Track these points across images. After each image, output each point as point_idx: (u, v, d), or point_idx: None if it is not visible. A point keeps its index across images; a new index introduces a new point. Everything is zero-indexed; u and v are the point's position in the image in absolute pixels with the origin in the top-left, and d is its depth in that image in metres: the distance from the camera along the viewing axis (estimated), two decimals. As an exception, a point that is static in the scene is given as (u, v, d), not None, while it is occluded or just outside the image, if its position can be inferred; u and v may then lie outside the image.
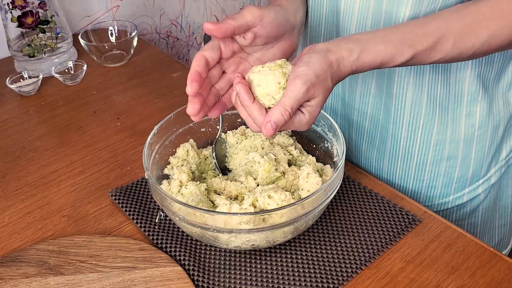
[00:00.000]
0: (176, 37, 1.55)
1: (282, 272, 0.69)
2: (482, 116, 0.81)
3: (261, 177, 0.75)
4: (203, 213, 0.65)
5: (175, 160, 0.80)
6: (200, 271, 0.70)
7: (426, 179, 0.88)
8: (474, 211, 0.91)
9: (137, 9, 1.42)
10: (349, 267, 0.70)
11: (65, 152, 0.94)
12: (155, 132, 0.77)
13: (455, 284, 0.68)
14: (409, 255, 0.72)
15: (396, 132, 0.85)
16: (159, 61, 1.21)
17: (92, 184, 0.86)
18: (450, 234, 0.74)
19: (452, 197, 0.89)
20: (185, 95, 0.62)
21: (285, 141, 0.82)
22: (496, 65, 0.78)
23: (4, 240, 0.77)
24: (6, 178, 0.88)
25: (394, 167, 0.89)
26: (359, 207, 0.79)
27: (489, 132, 0.83)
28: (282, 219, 0.65)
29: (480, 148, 0.84)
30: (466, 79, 0.78)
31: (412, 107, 0.81)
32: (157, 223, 0.77)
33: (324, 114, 0.78)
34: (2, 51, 1.20)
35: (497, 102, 0.82)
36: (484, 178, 0.88)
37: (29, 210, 0.82)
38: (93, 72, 1.17)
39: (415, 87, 0.79)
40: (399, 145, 0.86)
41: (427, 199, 0.90)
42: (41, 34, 1.11)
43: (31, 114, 1.04)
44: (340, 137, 0.74)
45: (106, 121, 1.01)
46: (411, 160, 0.87)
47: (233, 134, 0.83)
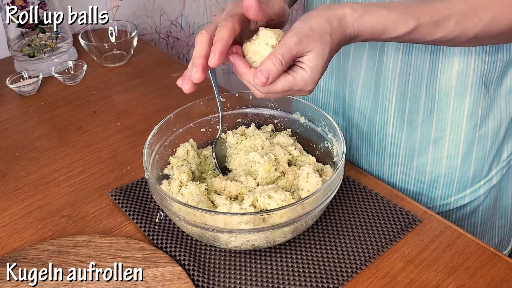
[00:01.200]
0: (176, 37, 1.55)
1: (282, 272, 0.69)
2: (484, 116, 0.81)
3: (261, 177, 0.75)
4: (203, 213, 0.65)
5: (175, 160, 0.80)
6: (200, 271, 0.70)
7: (427, 180, 0.88)
8: (474, 211, 0.91)
9: (137, 9, 1.42)
10: (349, 267, 0.70)
11: (65, 152, 0.94)
12: (155, 132, 0.77)
13: (455, 284, 0.68)
14: (409, 255, 0.72)
15: (394, 135, 0.85)
16: (159, 61, 1.21)
17: (92, 184, 0.86)
18: (450, 234, 0.74)
19: (453, 198, 0.89)
20: (185, 95, 0.62)
21: (285, 141, 0.82)
22: (499, 66, 0.78)
23: (4, 240, 0.77)
24: (6, 178, 0.88)
25: (395, 169, 0.89)
26: (359, 207, 0.79)
27: (490, 133, 0.83)
28: (282, 219, 0.65)
29: (481, 148, 0.84)
30: (469, 79, 0.78)
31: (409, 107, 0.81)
32: (157, 223, 0.77)
33: (324, 114, 0.78)
34: (2, 51, 1.20)
35: (499, 103, 0.82)
36: (486, 179, 0.88)
37: (29, 210, 0.82)
38: (93, 72, 1.17)
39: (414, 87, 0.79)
40: (399, 147, 0.86)
41: (429, 200, 0.90)
42: (41, 34, 1.11)
43: (31, 114, 1.04)
44: (340, 137, 0.74)
45: (106, 121, 1.01)
46: (412, 162, 0.87)
47: (233, 134, 0.83)
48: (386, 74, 0.81)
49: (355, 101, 0.87)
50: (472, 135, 0.82)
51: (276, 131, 0.86)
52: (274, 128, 0.86)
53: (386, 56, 0.79)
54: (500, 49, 0.77)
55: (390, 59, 0.79)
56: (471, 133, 0.82)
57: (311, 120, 0.82)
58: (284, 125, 0.86)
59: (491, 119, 0.82)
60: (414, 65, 0.78)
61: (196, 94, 1.07)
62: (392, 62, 0.79)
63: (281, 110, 0.85)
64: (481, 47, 0.75)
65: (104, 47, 1.18)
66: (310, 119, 0.82)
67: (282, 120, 0.86)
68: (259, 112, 0.86)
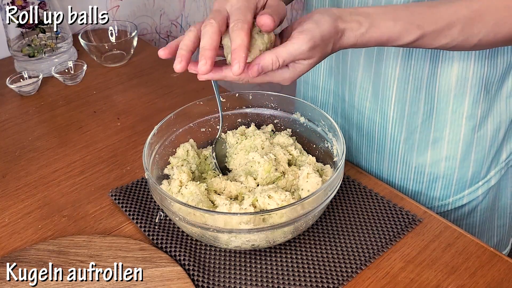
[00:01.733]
0: (176, 37, 1.55)
1: (282, 272, 0.69)
2: (483, 118, 0.81)
3: (261, 177, 0.75)
4: (203, 213, 0.65)
5: (175, 160, 0.80)
6: (200, 271, 0.70)
7: (426, 181, 0.88)
8: (473, 211, 0.91)
9: (137, 9, 1.42)
10: (349, 267, 0.70)
11: (65, 152, 0.94)
12: (155, 132, 0.77)
13: (455, 284, 0.68)
14: (409, 255, 0.72)
15: (394, 135, 0.85)
16: (159, 61, 1.21)
17: (92, 184, 0.86)
18: (450, 234, 0.74)
19: (452, 198, 0.89)
20: (185, 95, 0.62)
21: (285, 141, 0.82)
22: (499, 69, 0.78)
23: (4, 240, 0.77)
24: (6, 178, 0.88)
25: (394, 168, 0.89)
26: (359, 207, 0.79)
27: (489, 135, 0.83)
28: (282, 219, 0.65)
29: (480, 150, 0.84)
30: (469, 81, 0.78)
31: (408, 108, 0.81)
32: (157, 223, 0.77)
33: (324, 114, 0.78)
34: (2, 51, 1.20)
35: (499, 105, 0.82)
36: (484, 180, 0.88)
37: (29, 210, 0.82)
38: (93, 72, 1.17)
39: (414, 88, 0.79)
40: (398, 147, 0.86)
41: (427, 201, 0.90)
42: (41, 34, 1.11)
43: (31, 114, 1.04)
44: (340, 137, 0.74)
45: (106, 121, 1.01)
46: (411, 162, 0.87)
47: (233, 134, 0.83)
48: (385, 77, 0.81)
49: (354, 100, 0.87)
50: (471, 136, 0.82)
51: (276, 131, 0.86)
52: (274, 128, 0.86)
53: (386, 58, 0.79)
54: (500, 52, 0.77)
55: (389, 62, 0.79)
56: (470, 135, 0.82)
57: (311, 120, 0.82)
58: (284, 125, 0.86)
59: (491, 121, 0.82)
60: (414, 67, 0.78)
61: (196, 94, 1.07)
62: (391, 65, 0.79)
63: (281, 110, 0.85)
64: (481, 51, 0.75)
65: (104, 47, 1.18)
66: (310, 119, 0.82)
67: (282, 120, 0.86)
68: (259, 112, 0.86)
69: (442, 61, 0.77)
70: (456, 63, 0.76)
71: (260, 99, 0.85)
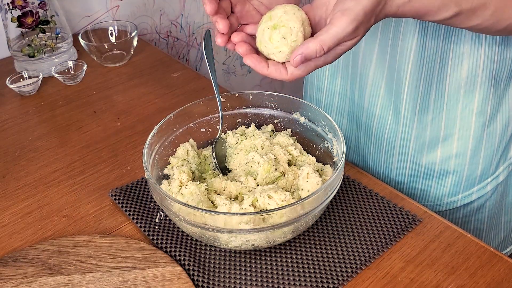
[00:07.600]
0: (176, 37, 1.55)
1: (282, 272, 0.69)
2: (492, 114, 0.82)
3: (261, 177, 0.75)
4: (203, 213, 0.65)
5: (175, 160, 0.80)
6: (200, 271, 0.70)
7: (436, 178, 0.88)
8: (481, 208, 0.91)
9: (137, 9, 1.42)
10: (349, 267, 0.70)
11: (65, 152, 0.94)
12: (155, 132, 0.77)
13: (455, 284, 0.68)
14: (409, 255, 0.72)
15: (405, 133, 0.85)
16: (159, 61, 1.21)
17: (92, 184, 0.86)
18: (450, 234, 0.74)
19: (461, 195, 0.89)
20: (185, 95, 0.62)
21: (285, 141, 0.82)
22: (508, 64, 0.79)
23: (4, 240, 0.77)
24: (6, 178, 0.88)
25: (404, 167, 0.89)
26: (359, 207, 0.79)
27: (498, 131, 0.84)
28: (282, 219, 0.65)
29: (489, 146, 0.84)
30: (479, 77, 0.78)
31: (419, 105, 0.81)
32: (157, 223, 0.77)
33: (324, 114, 0.78)
34: (2, 51, 1.20)
35: (508, 101, 0.82)
36: (493, 176, 0.88)
37: (29, 210, 0.82)
38: (93, 72, 1.17)
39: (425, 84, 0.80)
40: (408, 145, 0.86)
41: (436, 198, 0.90)
42: (41, 34, 1.11)
43: (31, 114, 1.04)
44: (340, 137, 0.74)
45: (106, 121, 1.01)
46: (421, 159, 0.87)
47: (233, 134, 0.83)
48: (399, 72, 0.81)
49: (364, 99, 0.87)
50: (481, 132, 0.83)
51: (276, 131, 0.86)
52: (274, 128, 0.86)
53: (400, 53, 0.79)
54: (509, 49, 0.77)
55: (402, 57, 0.79)
56: (480, 131, 0.83)
57: (311, 120, 0.82)
58: (284, 125, 0.86)
59: (500, 117, 0.83)
60: (426, 63, 0.78)
61: (196, 94, 1.07)
62: (405, 60, 0.79)
63: (281, 110, 0.85)
64: (490, 47, 0.76)
65: (104, 47, 1.18)
66: (310, 119, 0.82)
67: (282, 120, 0.86)
68: (259, 112, 0.86)
69: (453, 57, 0.77)
70: (466, 59, 0.77)
71: (260, 99, 0.85)
